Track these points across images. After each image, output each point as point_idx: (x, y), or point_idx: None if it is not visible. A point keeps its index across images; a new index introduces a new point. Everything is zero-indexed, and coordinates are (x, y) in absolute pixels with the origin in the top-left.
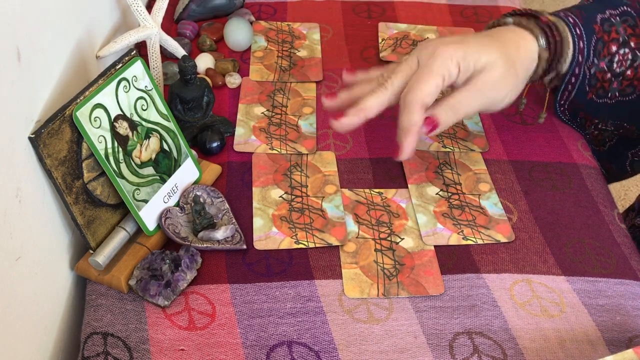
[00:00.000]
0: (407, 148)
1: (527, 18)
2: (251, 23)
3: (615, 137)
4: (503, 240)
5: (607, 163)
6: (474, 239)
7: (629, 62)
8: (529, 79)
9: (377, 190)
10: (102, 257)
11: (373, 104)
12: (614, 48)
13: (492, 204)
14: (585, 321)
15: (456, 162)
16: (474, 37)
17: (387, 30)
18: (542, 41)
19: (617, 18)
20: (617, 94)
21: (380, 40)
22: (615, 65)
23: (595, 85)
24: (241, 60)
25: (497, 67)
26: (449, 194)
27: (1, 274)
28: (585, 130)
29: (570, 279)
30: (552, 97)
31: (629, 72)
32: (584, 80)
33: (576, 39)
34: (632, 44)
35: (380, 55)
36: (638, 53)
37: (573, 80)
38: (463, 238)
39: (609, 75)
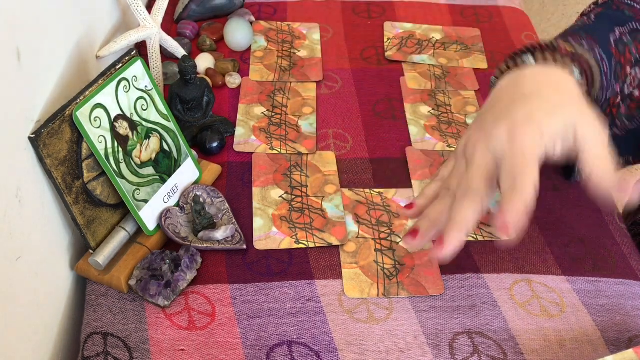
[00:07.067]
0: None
1: (547, 52)
2: (251, 23)
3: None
4: (504, 237)
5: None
6: (474, 236)
7: (637, 81)
8: None
9: (377, 190)
10: (102, 257)
11: (469, 216)
12: (628, 69)
13: (494, 202)
14: (585, 321)
15: None
16: (538, 100)
17: (393, 30)
18: (577, 74)
19: (628, 36)
20: (625, 121)
21: (385, 40)
22: (626, 87)
23: (606, 110)
24: (241, 60)
25: (581, 124)
26: None
27: (1, 274)
28: None
29: (570, 279)
30: None
31: (637, 93)
32: (600, 106)
33: (601, 65)
34: None
35: (386, 54)
36: None
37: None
38: None
39: (618, 99)
